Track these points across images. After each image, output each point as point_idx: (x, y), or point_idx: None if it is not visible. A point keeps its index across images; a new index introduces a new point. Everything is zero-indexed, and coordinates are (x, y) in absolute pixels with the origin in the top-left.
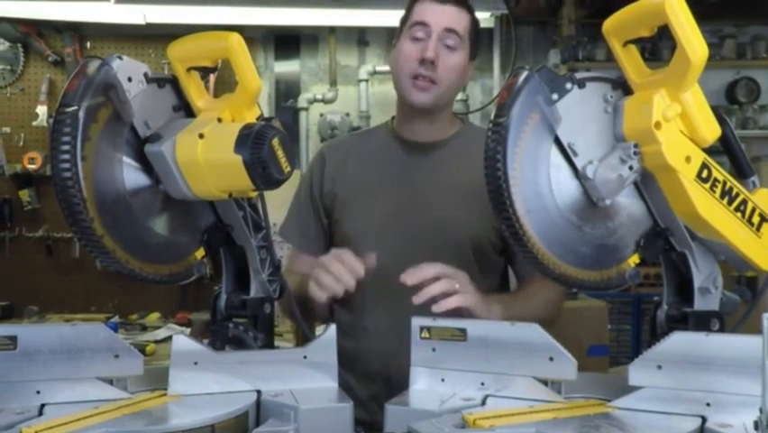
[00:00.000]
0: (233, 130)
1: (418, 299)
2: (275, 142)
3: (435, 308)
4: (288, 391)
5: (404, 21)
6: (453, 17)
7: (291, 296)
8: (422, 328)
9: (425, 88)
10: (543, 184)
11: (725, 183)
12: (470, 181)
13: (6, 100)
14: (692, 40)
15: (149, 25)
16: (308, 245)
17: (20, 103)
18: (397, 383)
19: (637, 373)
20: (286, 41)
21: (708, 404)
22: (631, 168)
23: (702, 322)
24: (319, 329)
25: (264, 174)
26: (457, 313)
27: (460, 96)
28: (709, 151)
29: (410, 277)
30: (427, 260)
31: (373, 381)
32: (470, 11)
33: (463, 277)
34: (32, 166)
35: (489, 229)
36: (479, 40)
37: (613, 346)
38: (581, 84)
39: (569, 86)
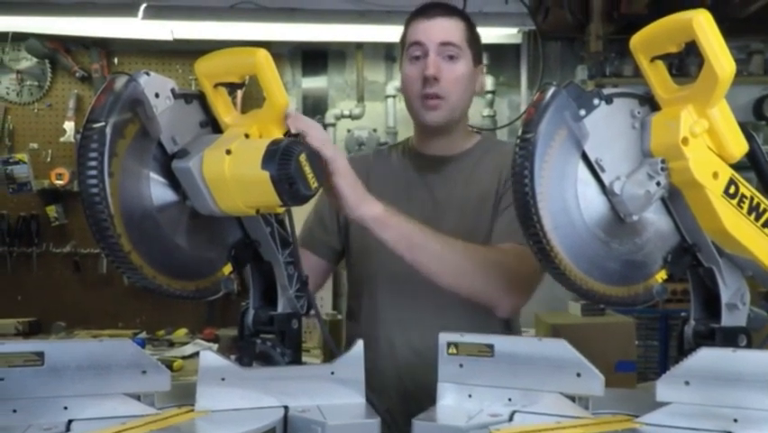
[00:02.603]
0: (261, 146)
1: None
2: (302, 158)
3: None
4: (315, 407)
5: (402, 43)
6: (445, 29)
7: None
8: (449, 344)
9: (436, 106)
10: (570, 200)
11: (752, 199)
12: (482, 192)
13: (34, 116)
14: (720, 56)
15: (176, 41)
16: (314, 244)
17: (47, 119)
18: (412, 397)
19: (665, 388)
20: (313, 57)
21: (735, 420)
22: (658, 184)
23: (730, 338)
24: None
25: (291, 190)
26: None
27: (487, 111)
28: (737, 166)
29: None
30: None
31: (388, 394)
32: (463, 16)
33: (330, 143)
34: (60, 182)
35: None
36: (479, 43)
37: (641, 362)
38: (609, 100)
39: (596, 101)
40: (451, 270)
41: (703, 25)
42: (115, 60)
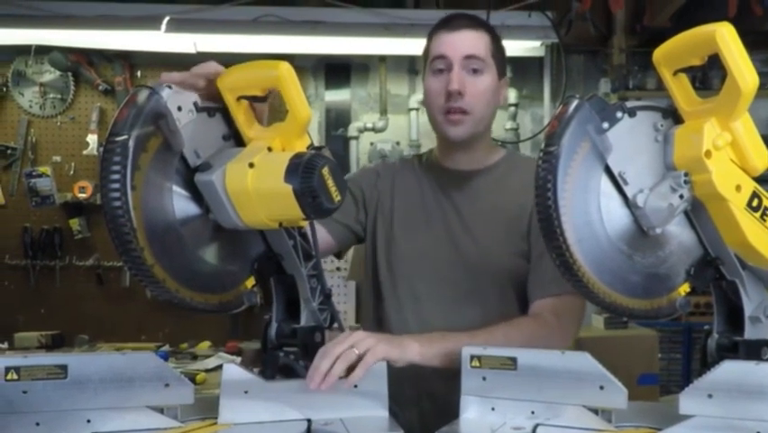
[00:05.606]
0: (284, 159)
1: (325, 385)
2: (325, 171)
3: (348, 384)
4: (338, 420)
5: (425, 55)
6: (470, 42)
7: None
8: (472, 357)
9: (459, 121)
10: (593, 213)
11: None
12: (508, 209)
13: (57, 129)
14: (743, 68)
15: (199, 54)
16: (327, 221)
17: (70, 132)
18: (428, 410)
19: (688, 401)
20: (336, 70)
21: None
22: (681, 197)
23: (753, 351)
24: None
25: (314, 203)
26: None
27: (509, 124)
28: (760, 179)
29: (313, 382)
30: (465, 287)
31: (405, 407)
32: (488, 29)
33: (359, 335)
34: (83, 195)
35: (526, 256)
36: (504, 55)
37: (664, 375)
38: (632, 113)
39: (619, 114)
40: None
41: (726, 38)
42: (138, 73)
